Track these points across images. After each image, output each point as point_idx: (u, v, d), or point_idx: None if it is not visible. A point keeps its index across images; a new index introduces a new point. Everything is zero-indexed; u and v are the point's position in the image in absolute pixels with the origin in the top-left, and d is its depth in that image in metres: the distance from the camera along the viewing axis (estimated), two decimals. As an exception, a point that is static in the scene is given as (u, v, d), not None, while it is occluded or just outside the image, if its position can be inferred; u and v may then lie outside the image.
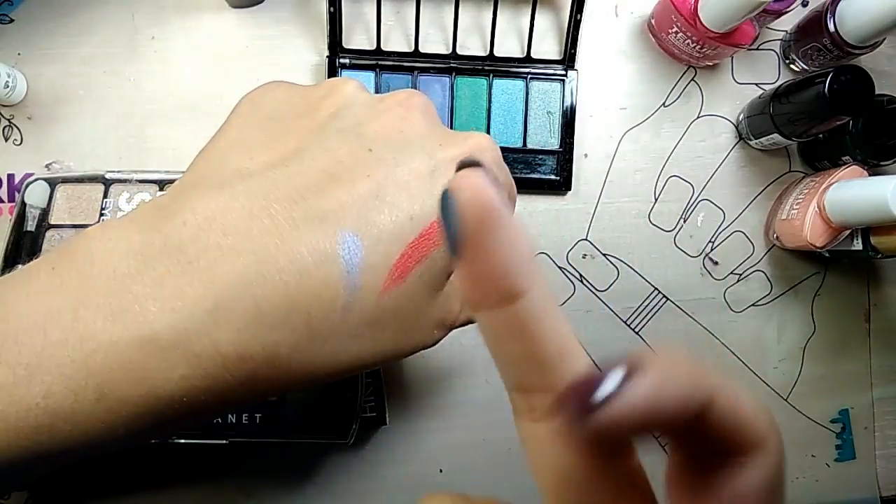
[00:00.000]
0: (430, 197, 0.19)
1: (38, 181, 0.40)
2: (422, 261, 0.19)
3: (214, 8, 0.44)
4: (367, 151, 0.19)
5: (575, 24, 0.44)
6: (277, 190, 0.18)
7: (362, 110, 0.21)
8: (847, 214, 0.39)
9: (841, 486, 0.47)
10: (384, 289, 0.18)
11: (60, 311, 0.16)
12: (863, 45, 0.41)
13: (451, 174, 0.19)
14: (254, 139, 0.21)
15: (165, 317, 0.16)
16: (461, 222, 0.12)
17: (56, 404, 0.15)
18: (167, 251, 0.17)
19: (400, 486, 0.44)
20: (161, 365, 0.16)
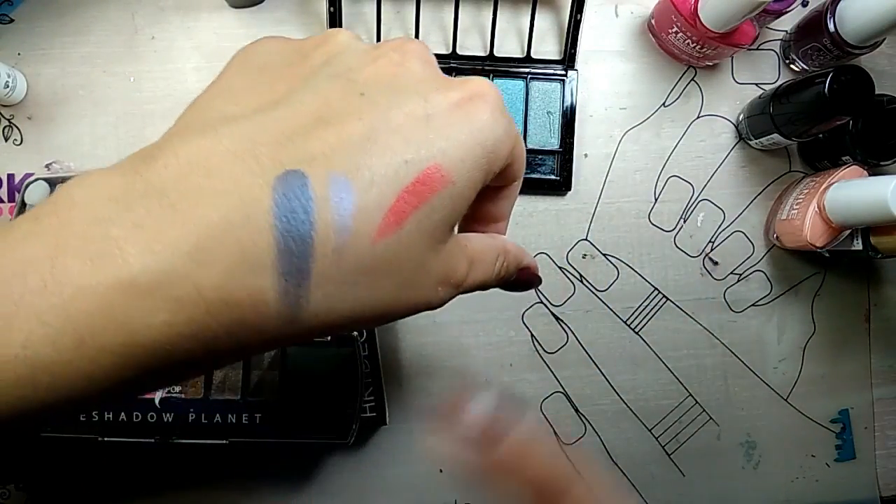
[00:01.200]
0: (425, 141, 0.18)
1: (38, 181, 0.40)
2: (419, 207, 0.18)
3: (214, 8, 0.44)
4: (358, 95, 0.19)
5: (575, 24, 0.44)
6: (264, 132, 0.17)
7: (356, 56, 0.20)
8: (847, 214, 0.39)
9: (841, 486, 0.47)
10: (379, 233, 0.17)
11: (39, 258, 0.15)
12: (863, 45, 0.41)
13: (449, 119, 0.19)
14: (241, 87, 0.20)
15: (145, 259, 0.15)
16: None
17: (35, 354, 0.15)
18: (148, 194, 0.16)
19: (400, 486, 0.44)
20: (141, 309, 0.15)
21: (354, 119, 0.18)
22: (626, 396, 0.46)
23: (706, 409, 0.46)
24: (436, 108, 0.19)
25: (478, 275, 0.22)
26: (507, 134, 0.20)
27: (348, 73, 0.20)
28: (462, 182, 0.19)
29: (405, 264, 0.19)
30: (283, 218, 0.16)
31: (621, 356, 0.46)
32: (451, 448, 0.19)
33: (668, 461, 0.46)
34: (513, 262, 0.25)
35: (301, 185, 0.16)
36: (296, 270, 0.17)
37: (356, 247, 0.17)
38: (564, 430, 0.45)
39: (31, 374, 0.15)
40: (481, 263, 0.23)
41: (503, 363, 0.45)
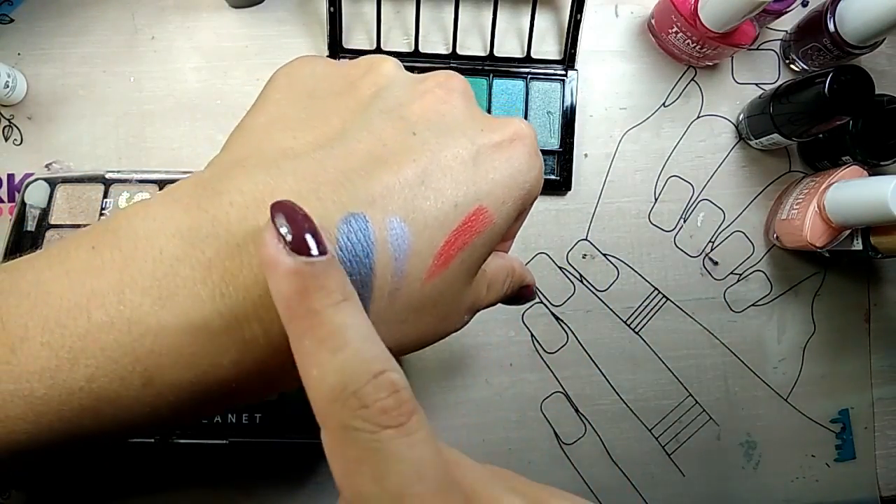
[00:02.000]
0: (472, 183, 0.19)
1: (38, 181, 0.40)
2: (464, 248, 0.19)
3: (214, 8, 0.44)
4: (411, 135, 0.19)
5: (575, 24, 0.44)
6: (325, 172, 0.18)
7: (403, 91, 0.21)
8: (847, 214, 0.39)
9: (841, 486, 0.47)
10: (428, 276, 0.18)
11: (105, 293, 0.15)
12: (863, 45, 0.41)
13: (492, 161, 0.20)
14: (295, 117, 0.20)
15: (216, 303, 0.16)
16: None
17: (101, 388, 0.15)
18: (215, 233, 0.16)
19: (400, 486, 0.44)
20: (211, 351, 0.16)
21: (409, 161, 0.19)
22: (626, 396, 0.46)
23: (706, 409, 0.46)
24: (481, 150, 0.20)
25: (491, 296, 0.23)
26: (540, 172, 0.22)
27: (399, 110, 0.20)
28: (501, 221, 0.20)
29: (446, 300, 0.20)
30: (347, 262, 0.16)
31: (621, 356, 0.46)
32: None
33: (668, 461, 0.46)
34: (518, 280, 0.26)
35: (363, 229, 0.17)
36: None
37: (408, 288, 0.18)
38: (564, 430, 0.45)
39: (94, 405, 0.15)
40: (495, 284, 0.23)
41: (503, 363, 0.45)
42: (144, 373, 0.15)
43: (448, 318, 0.20)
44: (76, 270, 0.16)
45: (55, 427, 0.15)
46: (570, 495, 0.18)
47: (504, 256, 0.25)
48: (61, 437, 0.15)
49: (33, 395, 0.15)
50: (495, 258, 0.24)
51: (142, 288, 0.16)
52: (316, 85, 0.22)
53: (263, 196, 0.17)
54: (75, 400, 0.15)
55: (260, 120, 0.20)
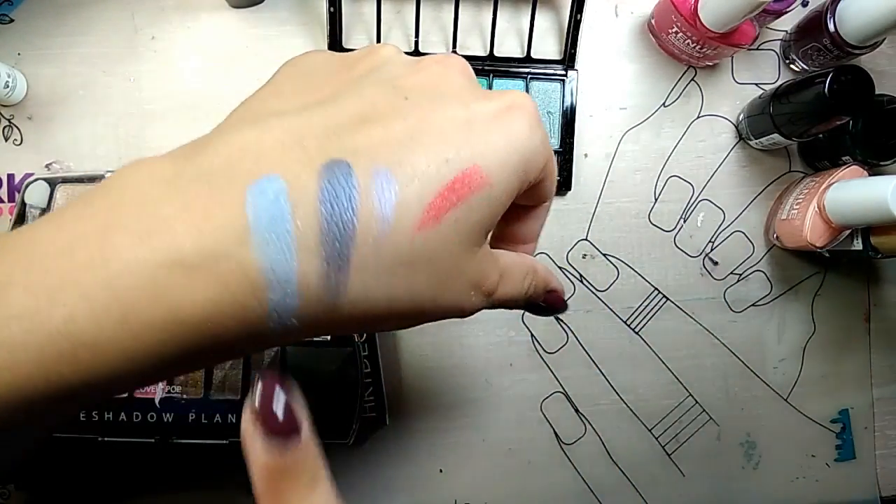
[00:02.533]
0: (465, 143, 0.19)
1: (38, 181, 0.40)
2: (458, 205, 0.18)
3: (214, 8, 0.44)
4: (402, 99, 0.20)
5: (575, 24, 0.44)
6: (311, 126, 0.18)
7: (400, 67, 0.21)
8: (847, 214, 0.39)
9: (841, 486, 0.47)
10: (418, 227, 0.18)
11: (88, 236, 0.16)
12: (863, 45, 0.41)
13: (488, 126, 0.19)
14: (289, 89, 0.21)
15: (192, 238, 0.16)
16: None
17: (78, 329, 0.15)
18: (198, 178, 0.17)
19: (400, 486, 0.44)
20: (186, 286, 0.16)
21: (399, 119, 0.19)
22: (626, 396, 0.46)
23: (706, 409, 0.46)
24: (476, 115, 0.20)
25: (507, 288, 0.23)
26: (543, 144, 0.21)
27: (393, 80, 0.20)
28: (499, 186, 0.19)
29: (442, 260, 0.19)
30: (328, 204, 0.17)
31: (621, 356, 0.46)
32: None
33: (668, 461, 0.46)
34: (541, 282, 0.25)
35: (346, 174, 0.17)
36: (337, 255, 0.17)
37: (396, 238, 0.18)
38: (564, 430, 0.45)
39: (72, 350, 0.15)
40: (511, 278, 0.23)
41: (503, 363, 0.45)
42: (120, 310, 0.15)
43: (447, 284, 0.20)
44: (66, 220, 0.17)
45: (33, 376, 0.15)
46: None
47: (524, 256, 0.25)
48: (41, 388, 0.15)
49: (12, 340, 0.15)
50: (512, 254, 0.24)
51: (123, 227, 0.16)
52: (315, 67, 0.22)
53: (248, 144, 0.18)
54: (53, 344, 0.15)
55: (256, 96, 0.21)
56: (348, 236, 0.17)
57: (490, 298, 0.22)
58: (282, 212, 0.16)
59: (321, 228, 0.17)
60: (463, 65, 0.22)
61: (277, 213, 0.16)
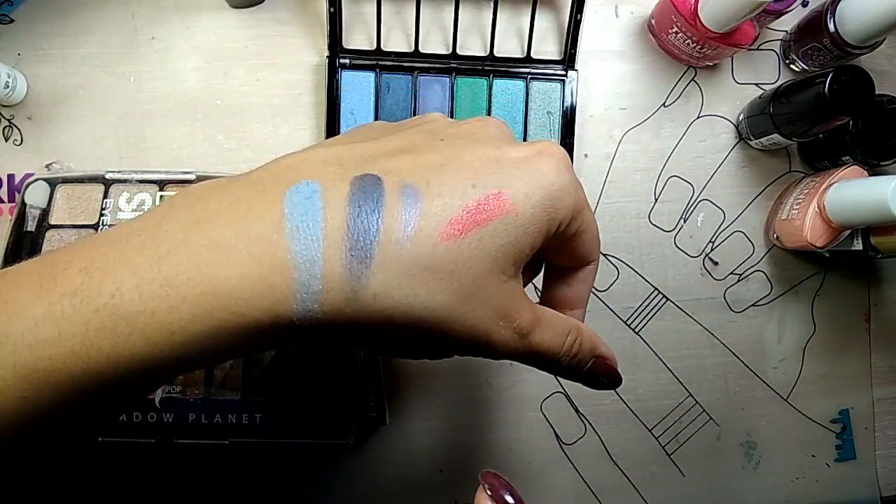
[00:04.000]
0: (493, 175, 0.20)
1: (38, 181, 0.40)
2: (482, 225, 0.20)
3: (214, 8, 0.44)
4: (439, 140, 0.22)
5: (575, 24, 0.44)
6: (352, 153, 0.20)
7: (443, 123, 0.24)
8: (847, 214, 0.39)
9: (841, 486, 0.47)
10: (440, 237, 0.19)
11: (145, 227, 0.18)
12: (863, 45, 0.41)
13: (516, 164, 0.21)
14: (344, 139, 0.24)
15: (232, 224, 0.18)
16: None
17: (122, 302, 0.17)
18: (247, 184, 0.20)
19: (400, 486, 0.44)
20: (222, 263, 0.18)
21: (433, 151, 0.21)
22: (626, 396, 0.46)
23: (706, 409, 0.46)
24: (506, 155, 0.21)
25: (546, 336, 0.23)
26: (572, 186, 0.22)
27: (434, 130, 0.23)
28: (525, 215, 0.20)
29: (464, 274, 0.20)
30: (356, 203, 0.19)
31: (621, 356, 0.46)
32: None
33: (668, 461, 0.46)
34: (587, 343, 0.25)
35: (375, 183, 0.19)
36: (360, 249, 0.18)
37: (418, 242, 0.19)
38: (564, 430, 0.45)
39: (113, 323, 0.17)
40: (551, 327, 0.23)
41: (503, 363, 0.45)
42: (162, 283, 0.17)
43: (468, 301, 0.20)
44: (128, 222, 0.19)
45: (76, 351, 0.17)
46: None
47: (569, 317, 0.25)
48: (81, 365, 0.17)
49: (62, 314, 0.17)
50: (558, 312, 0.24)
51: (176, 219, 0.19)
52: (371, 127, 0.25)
53: (294, 162, 0.20)
54: (97, 318, 0.17)
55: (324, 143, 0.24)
56: (372, 234, 0.19)
57: (525, 340, 0.22)
58: (314, 206, 0.18)
59: (348, 224, 0.18)
60: (500, 123, 0.24)
61: (310, 207, 0.18)
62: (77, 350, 0.17)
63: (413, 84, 0.44)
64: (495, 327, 0.21)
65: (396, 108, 0.44)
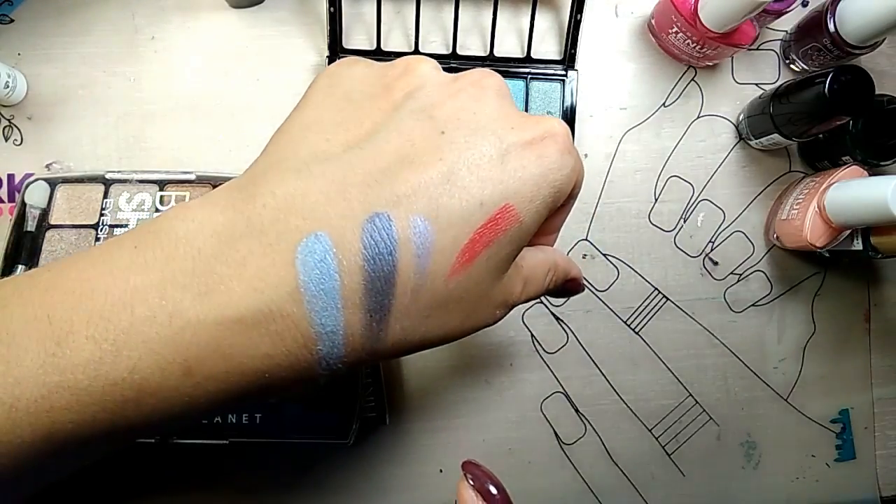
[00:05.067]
0: (499, 182, 0.20)
1: (38, 181, 0.40)
2: (489, 245, 0.19)
3: (214, 8, 0.44)
4: (439, 134, 0.20)
5: (575, 24, 0.44)
6: (353, 174, 0.19)
7: (436, 91, 0.22)
8: (847, 214, 0.39)
9: (841, 486, 0.47)
10: (452, 273, 0.19)
11: (147, 290, 0.17)
12: (863, 45, 0.41)
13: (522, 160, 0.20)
14: (330, 120, 0.21)
15: (248, 297, 0.17)
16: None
17: (143, 379, 0.16)
18: (249, 233, 0.18)
19: (400, 486, 0.44)
20: (245, 343, 0.17)
21: (436, 160, 0.19)
22: (626, 396, 0.46)
23: (706, 409, 0.46)
24: (510, 148, 0.20)
25: (530, 290, 0.23)
26: (574, 171, 0.22)
27: (430, 110, 0.21)
28: (529, 219, 0.20)
29: (472, 297, 0.20)
30: (371, 260, 0.18)
31: (621, 356, 0.46)
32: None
33: (668, 461, 0.46)
34: (561, 274, 0.26)
35: (386, 228, 0.18)
36: (379, 307, 0.18)
37: (432, 285, 0.19)
38: (564, 430, 0.45)
39: (136, 396, 0.16)
40: (534, 280, 0.24)
41: (503, 363, 0.45)
42: (184, 364, 0.16)
43: (475, 314, 0.21)
44: (119, 269, 0.17)
45: (98, 418, 0.16)
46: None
47: (546, 250, 0.25)
48: (104, 428, 0.16)
49: (78, 386, 0.16)
50: (535, 252, 0.24)
51: (181, 285, 0.17)
52: (353, 87, 0.22)
53: (294, 197, 0.18)
54: (118, 391, 0.16)
55: (298, 123, 0.22)
56: (389, 289, 0.18)
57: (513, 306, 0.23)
58: (329, 270, 0.17)
59: (365, 284, 0.18)
60: (498, 84, 0.23)
61: (325, 272, 0.17)
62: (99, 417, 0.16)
63: (413, 84, 0.44)
64: (492, 315, 0.22)
65: (396, 108, 0.44)
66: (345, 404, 0.39)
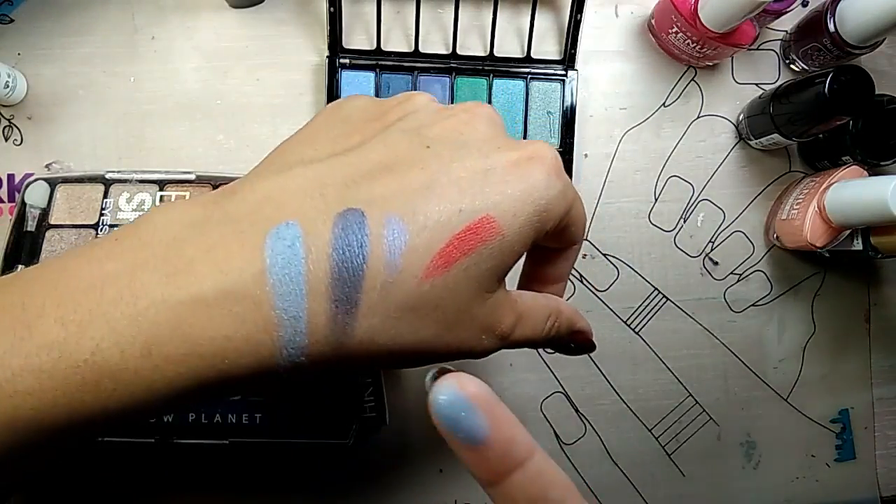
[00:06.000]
0: (480, 194, 0.19)
1: (38, 181, 0.40)
2: (468, 254, 0.19)
3: (214, 8, 0.44)
4: (425, 148, 0.20)
5: (575, 24, 0.44)
6: (333, 175, 0.19)
7: (428, 115, 0.22)
8: (847, 214, 0.39)
9: (841, 486, 0.47)
10: (426, 274, 0.19)
11: (118, 274, 0.17)
12: (863, 45, 0.41)
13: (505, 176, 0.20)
14: (324, 135, 0.22)
15: (213, 278, 0.17)
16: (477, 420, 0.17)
17: (103, 360, 0.16)
18: (224, 221, 0.18)
19: (400, 486, 0.44)
20: (206, 324, 0.17)
21: (417, 168, 0.20)
22: (626, 396, 0.46)
23: (706, 409, 0.46)
24: (494, 165, 0.20)
25: (526, 330, 0.23)
26: (563, 195, 0.22)
27: (420, 129, 0.21)
28: (512, 235, 0.20)
29: (449, 307, 0.19)
30: (339, 250, 0.18)
31: (621, 356, 0.46)
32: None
33: (668, 461, 0.46)
34: (565, 323, 0.25)
35: (359, 222, 0.18)
36: (346, 298, 0.18)
37: (403, 284, 0.18)
38: (564, 430, 0.45)
39: (96, 379, 0.16)
40: (531, 320, 0.23)
41: (503, 363, 0.45)
42: (144, 344, 0.16)
43: (454, 329, 0.20)
44: (97, 258, 0.18)
45: (59, 402, 0.16)
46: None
47: (550, 297, 0.25)
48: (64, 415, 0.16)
49: (41, 368, 0.16)
50: (537, 295, 0.24)
51: (152, 267, 0.17)
52: (352, 113, 0.23)
53: (272, 192, 0.19)
54: (79, 373, 0.16)
55: (293, 139, 0.22)
56: (357, 281, 0.18)
57: (506, 341, 0.23)
58: (296, 256, 0.17)
59: (331, 273, 0.18)
60: (489, 113, 0.23)
61: (292, 257, 0.17)
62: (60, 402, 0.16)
63: (413, 84, 0.44)
64: (477, 340, 0.21)
65: (396, 108, 0.44)
66: (345, 404, 0.39)
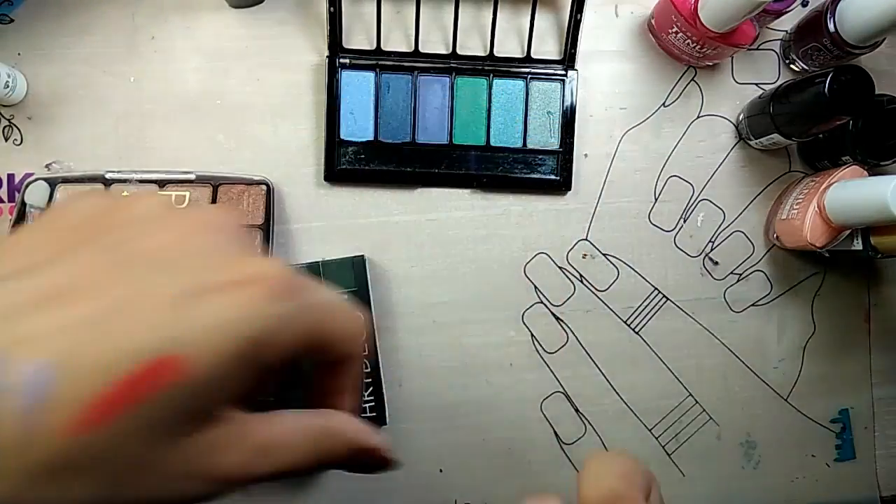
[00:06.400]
0: (166, 328, 0.17)
1: (38, 181, 0.40)
2: (140, 400, 0.16)
3: (214, 8, 0.44)
4: (112, 269, 0.18)
5: (575, 24, 0.44)
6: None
7: (144, 226, 0.20)
8: (847, 214, 0.39)
9: (841, 486, 0.47)
10: (74, 429, 0.16)
11: None
12: (863, 45, 0.41)
13: (209, 303, 0.17)
14: (24, 244, 0.19)
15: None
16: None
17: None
18: None
19: (400, 486, 0.44)
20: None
21: (92, 297, 0.17)
22: (626, 396, 0.46)
23: (706, 409, 0.46)
24: (197, 289, 0.17)
25: (276, 462, 0.20)
26: (290, 319, 0.19)
27: (123, 244, 0.19)
28: (206, 374, 0.17)
29: (118, 462, 0.17)
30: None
31: (621, 356, 0.46)
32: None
33: (668, 461, 0.46)
34: (341, 443, 0.22)
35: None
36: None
37: (45, 440, 0.16)
38: (564, 430, 0.45)
39: None
40: (282, 448, 0.20)
41: (503, 363, 0.45)
42: None
43: (134, 483, 0.17)
44: None
45: None
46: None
47: (321, 414, 0.22)
48: None
49: None
50: (292, 416, 0.21)
51: None
52: (75, 214, 0.20)
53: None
54: None
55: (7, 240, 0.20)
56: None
57: (233, 481, 0.19)
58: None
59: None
60: (222, 220, 0.20)
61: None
62: None
63: (413, 84, 0.44)
64: (180, 490, 0.18)
65: (396, 108, 0.44)
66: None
